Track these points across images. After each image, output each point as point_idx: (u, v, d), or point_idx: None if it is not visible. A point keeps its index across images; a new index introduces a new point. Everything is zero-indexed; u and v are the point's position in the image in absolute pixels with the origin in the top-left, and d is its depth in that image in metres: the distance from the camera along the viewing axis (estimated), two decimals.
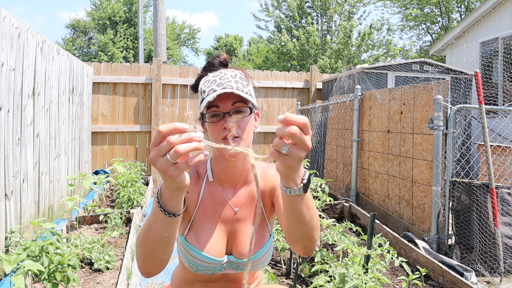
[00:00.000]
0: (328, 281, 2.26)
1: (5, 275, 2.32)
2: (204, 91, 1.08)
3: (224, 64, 1.18)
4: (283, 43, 14.89)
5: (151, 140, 0.73)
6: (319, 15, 15.73)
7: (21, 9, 59.51)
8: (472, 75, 5.71)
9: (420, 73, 5.73)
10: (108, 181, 5.11)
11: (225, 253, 1.18)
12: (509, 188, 3.08)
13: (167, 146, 0.71)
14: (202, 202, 1.17)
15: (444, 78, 5.67)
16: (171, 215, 0.84)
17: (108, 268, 2.72)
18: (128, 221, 3.75)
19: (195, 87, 1.20)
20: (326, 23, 15.76)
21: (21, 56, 2.99)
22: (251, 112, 1.10)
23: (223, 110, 1.07)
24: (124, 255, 2.79)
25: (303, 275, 2.68)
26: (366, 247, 2.27)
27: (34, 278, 2.40)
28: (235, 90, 1.04)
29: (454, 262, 2.89)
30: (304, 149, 0.74)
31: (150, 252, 0.92)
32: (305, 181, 0.84)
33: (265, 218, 1.22)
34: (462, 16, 15.84)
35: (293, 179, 0.83)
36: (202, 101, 1.09)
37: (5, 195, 2.67)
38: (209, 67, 1.17)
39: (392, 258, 2.53)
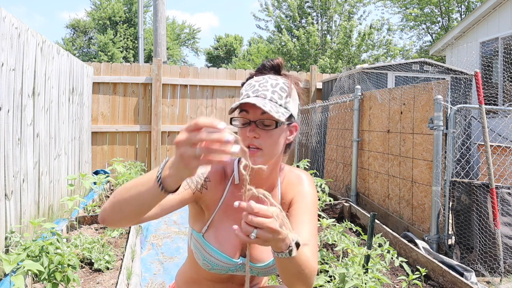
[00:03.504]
0: (328, 281, 2.26)
1: (5, 275, 2.31)
2: (242, 93, 1.10)
3: (276, 69, 1.15)
4: (283, 43, 14.88)
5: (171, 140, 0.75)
6: (319, 15, 15.72)
7: (21, 9, 59.55)
8: (472, 75, 5.71)
9: (420, 73, 5.73)
10: (108, 181, 5.11)
11: (239, 255, 1.20)
12: (509, 188, 3.08)
13: (200, 139, 0.69)
14: (224, 202, 1.18)
15: (444, 78, 5.67)
16: (162, 188, 0.82)
17: (108, 268, 2.72)
18: None
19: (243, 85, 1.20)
20: (326, 23, 15.75)
21: (21, 56, 2.99)
22: (276, 127, 1.07)
23: (252, 117, 1.06)
24: (124, 255, 2.79)
25: None
26: (366, 247, 2.27)
27: (34, 278, 2.40)
28: (260, 103, 1.02)
29: (454, 262, 2.89)
30: (270, 232, 0.76)
31: (119, 205, 0.90)
32: (291, 248, 0.86)
33: None
34: (462, 16, 15.83)
35: (278, 248, 0.85)
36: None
37: (5, 195, 2.67)
38: (261, 69, 1.16)
39: (392, 258, 2.53)
